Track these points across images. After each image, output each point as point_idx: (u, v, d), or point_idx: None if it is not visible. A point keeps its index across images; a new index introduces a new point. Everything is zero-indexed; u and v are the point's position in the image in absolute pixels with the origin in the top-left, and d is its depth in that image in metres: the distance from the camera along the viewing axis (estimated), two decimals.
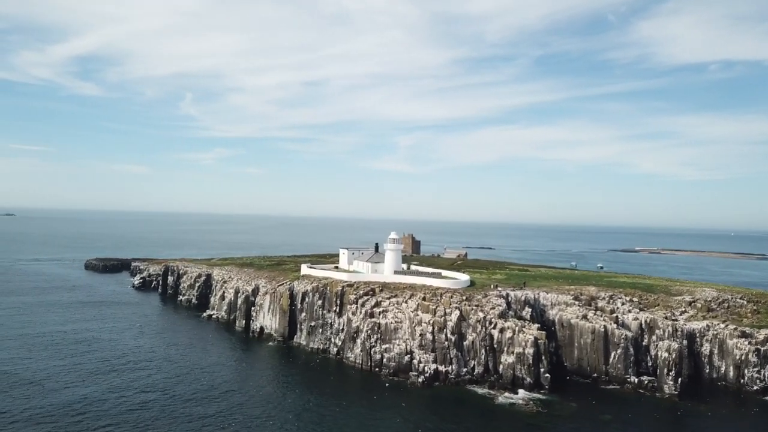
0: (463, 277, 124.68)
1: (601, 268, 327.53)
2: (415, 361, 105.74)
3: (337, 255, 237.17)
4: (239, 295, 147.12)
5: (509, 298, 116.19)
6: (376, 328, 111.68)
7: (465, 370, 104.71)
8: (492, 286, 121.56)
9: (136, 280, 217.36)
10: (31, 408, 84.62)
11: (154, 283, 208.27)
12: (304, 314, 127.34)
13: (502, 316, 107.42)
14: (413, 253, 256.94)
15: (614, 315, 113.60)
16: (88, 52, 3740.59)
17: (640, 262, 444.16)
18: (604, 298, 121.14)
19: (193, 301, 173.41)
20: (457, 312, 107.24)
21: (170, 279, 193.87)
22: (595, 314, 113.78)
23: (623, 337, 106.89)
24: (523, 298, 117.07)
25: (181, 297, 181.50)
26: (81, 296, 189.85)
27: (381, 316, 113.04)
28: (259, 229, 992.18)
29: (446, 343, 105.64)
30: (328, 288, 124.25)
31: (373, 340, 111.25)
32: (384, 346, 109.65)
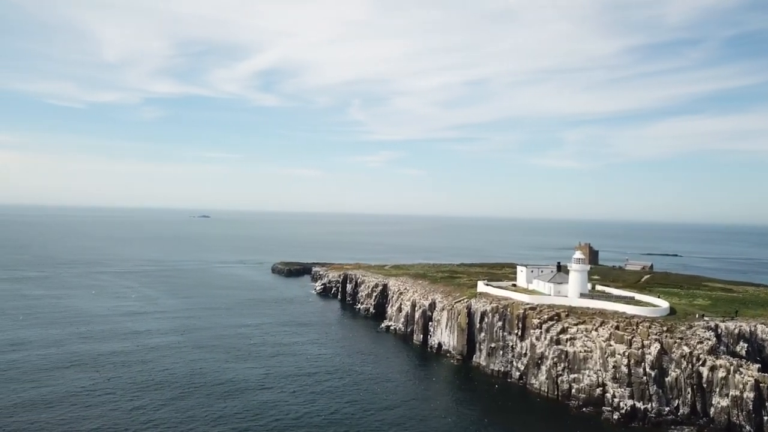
0: (663, 305, 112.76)
1: None
2: (609, 395, 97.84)
3: (509, 265, 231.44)
4: (416, 308, 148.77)
5: (719, 331, 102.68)
6: (563, 355, 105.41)
7: (667, 409, 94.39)
8: (697, 316, 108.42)
9: (318, 286, 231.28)
10: (227, 407, 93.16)
11: (334, 289, 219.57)
12: (483, 334, 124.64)
13: (713, 352, 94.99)
14: (591, 265, 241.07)
15: None
16: (269, 67, 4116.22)
17: None
18: None
19: (371, 310, 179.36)
20: (657, 345, 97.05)
21: (349, 287, 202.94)
22: None
23: None
24: (736, 331, 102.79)
25: (359, 305, 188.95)
26: (269, 300, 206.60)
27: (568, 343, 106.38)
28: (422, 230, 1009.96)
29: (644, 378, 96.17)
30: (509, 309, 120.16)
31: (560, 368, 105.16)
32: (572, 376, 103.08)
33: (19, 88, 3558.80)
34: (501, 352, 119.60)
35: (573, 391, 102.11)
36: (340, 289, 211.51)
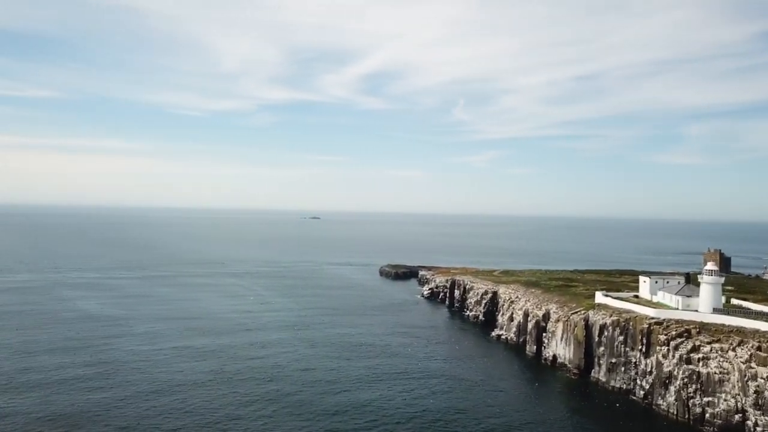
0: None
1: None
2: (750, 423, 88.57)
3: (629, 272, 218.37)
4: (529, 318, 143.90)
5: None
6: (694, 376, 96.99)
7: None
8: None
9: (425, 290, 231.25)
10: (336, 404, 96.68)
11: (441, 294, 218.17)
12: (602, 348, 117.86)
13: None
14: (723, 274, 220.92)
15: None
16: (374, 70, 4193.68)
17: None
18: None
19: (480, 317, 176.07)
20: None
21: (457, 292, 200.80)
22: None
23: None
24: None
25: (467, 312, 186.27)
26: (378, 303, 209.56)
27: (701, 363, 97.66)
28: (531, 232, 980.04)
29: None
30: (631, 323, 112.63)
31: (690, 390, 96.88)
32: (705, 399, 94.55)
33: (149, 99, 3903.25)
34: (622, 369, 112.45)
35: (707, 415, 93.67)
36: (447, 295, 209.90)
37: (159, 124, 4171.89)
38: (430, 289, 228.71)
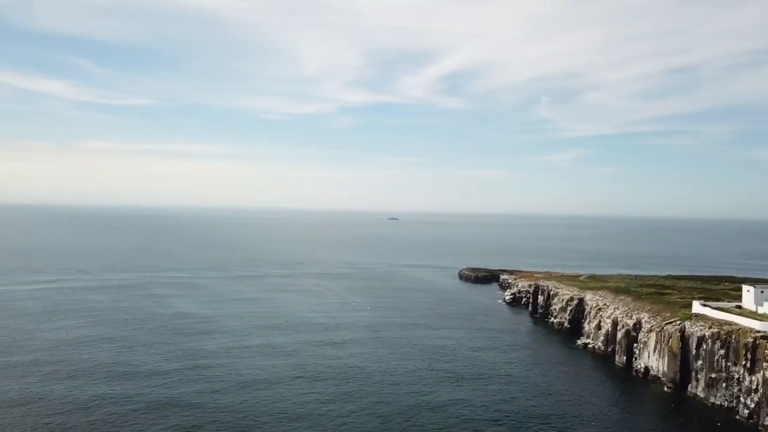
0: None
1: None
2: None
3: (729, 279, 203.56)
4: (618, 328, 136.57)
5: None
6: None
7: None
8: None
9: (507, 295, 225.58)
10: (417, 406, 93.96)
11: (524, 300, 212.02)
12: (700, 362, 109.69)
13: None
14: None
15: None
16: (454, 70, 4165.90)
17: None
18: None
19: (565, 324, 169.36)
20: None
21: (540, 298, 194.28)
22: None
23: None
24: None
25: (552, 319, 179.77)
26: (458, 307, 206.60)
27: None
28: (619, 234, 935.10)
29: None
30: (734, 337, 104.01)
31: None
32: None
33: (237, 106, 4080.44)
34: (723, 385, 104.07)
35: None
36: (530, 300, 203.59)
37: (246, 129, 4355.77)
38: (512, 294, 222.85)
